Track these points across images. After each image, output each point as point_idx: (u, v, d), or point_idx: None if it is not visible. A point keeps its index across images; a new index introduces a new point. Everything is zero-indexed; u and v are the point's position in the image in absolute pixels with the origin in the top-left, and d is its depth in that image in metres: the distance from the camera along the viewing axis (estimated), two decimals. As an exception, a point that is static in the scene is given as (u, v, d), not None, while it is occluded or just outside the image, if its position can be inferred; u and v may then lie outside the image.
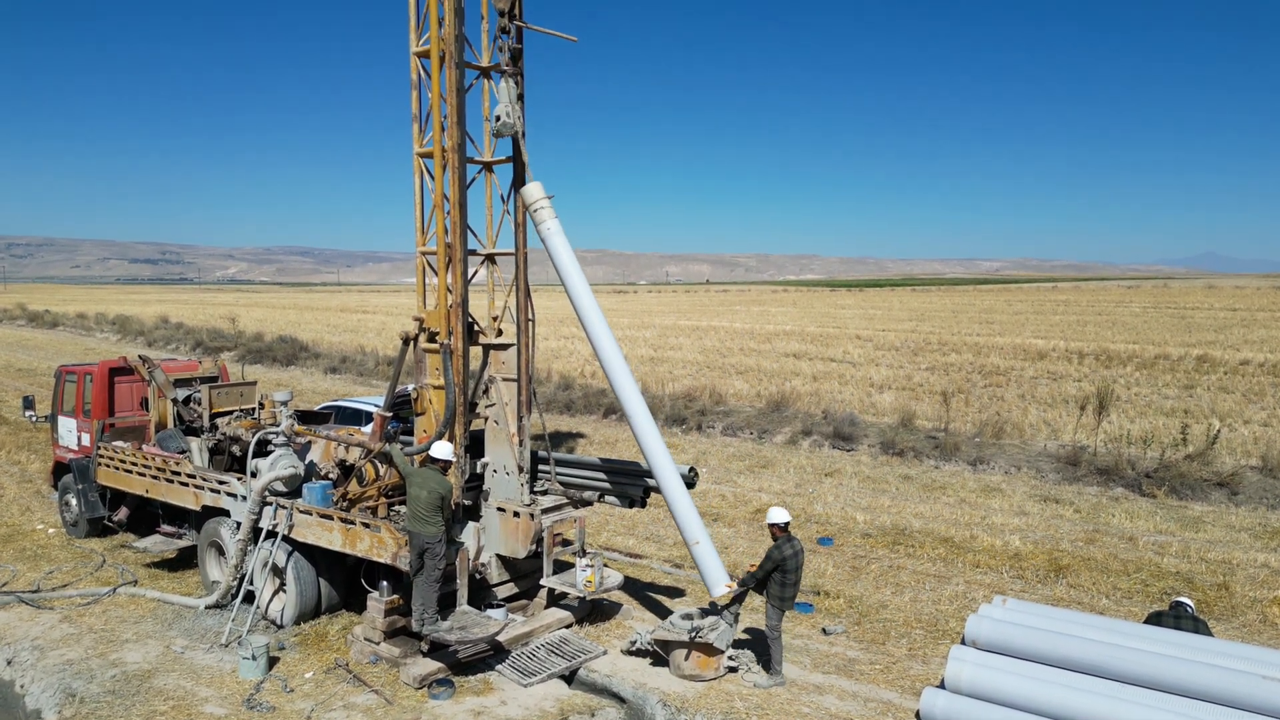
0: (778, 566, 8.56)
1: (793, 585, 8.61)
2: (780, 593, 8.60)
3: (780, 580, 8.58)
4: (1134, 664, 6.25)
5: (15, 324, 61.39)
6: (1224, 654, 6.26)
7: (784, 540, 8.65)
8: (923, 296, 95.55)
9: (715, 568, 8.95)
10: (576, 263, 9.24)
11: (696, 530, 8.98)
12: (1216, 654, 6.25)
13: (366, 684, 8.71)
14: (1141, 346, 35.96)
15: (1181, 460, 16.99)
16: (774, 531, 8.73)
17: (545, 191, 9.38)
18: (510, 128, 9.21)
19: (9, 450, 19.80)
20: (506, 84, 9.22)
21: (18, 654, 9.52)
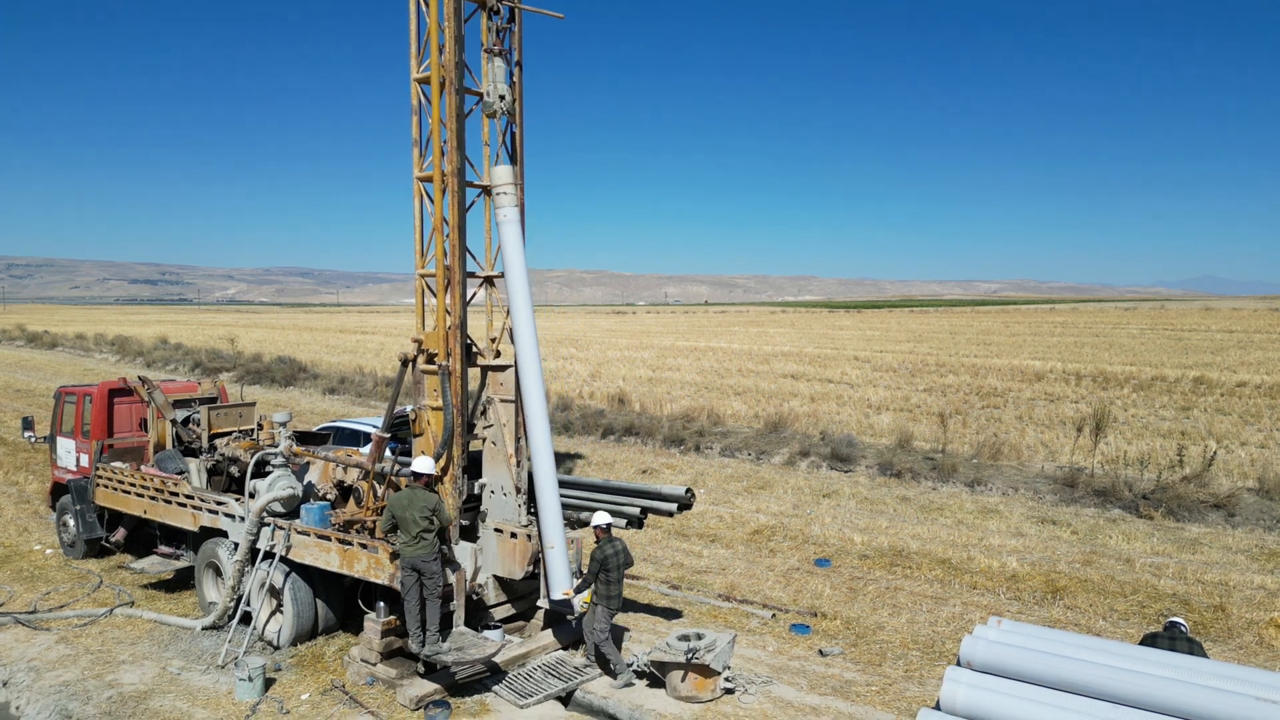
0: (602, 566, 9.06)
1: (616, 584, 9.14)
2: (606, 591, 9.12)
3: (604, 579, 9.10)
4: (1128, 685, 6.25)
5: (14, 344, 61.43)
6: (1218, 675, 6.27)
7: (605, 541, 9.21)
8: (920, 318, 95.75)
9: (562, 573, 9.27)
10: (522, 256, 9.27)
11: (554, 535, 9.21)
12: (1211, 675, 6.26)
13: (363, 705, 8.71)
14: (1138, 368, 36.05)
15: (1178, 482, 17.02)
16: (597, 534, 9.29)
17: (513, 178, 9.41)
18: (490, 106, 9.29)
19: (7, 471, 19.81)
20: (492, 64, 9.33)
21: (14, 675, 9.51)
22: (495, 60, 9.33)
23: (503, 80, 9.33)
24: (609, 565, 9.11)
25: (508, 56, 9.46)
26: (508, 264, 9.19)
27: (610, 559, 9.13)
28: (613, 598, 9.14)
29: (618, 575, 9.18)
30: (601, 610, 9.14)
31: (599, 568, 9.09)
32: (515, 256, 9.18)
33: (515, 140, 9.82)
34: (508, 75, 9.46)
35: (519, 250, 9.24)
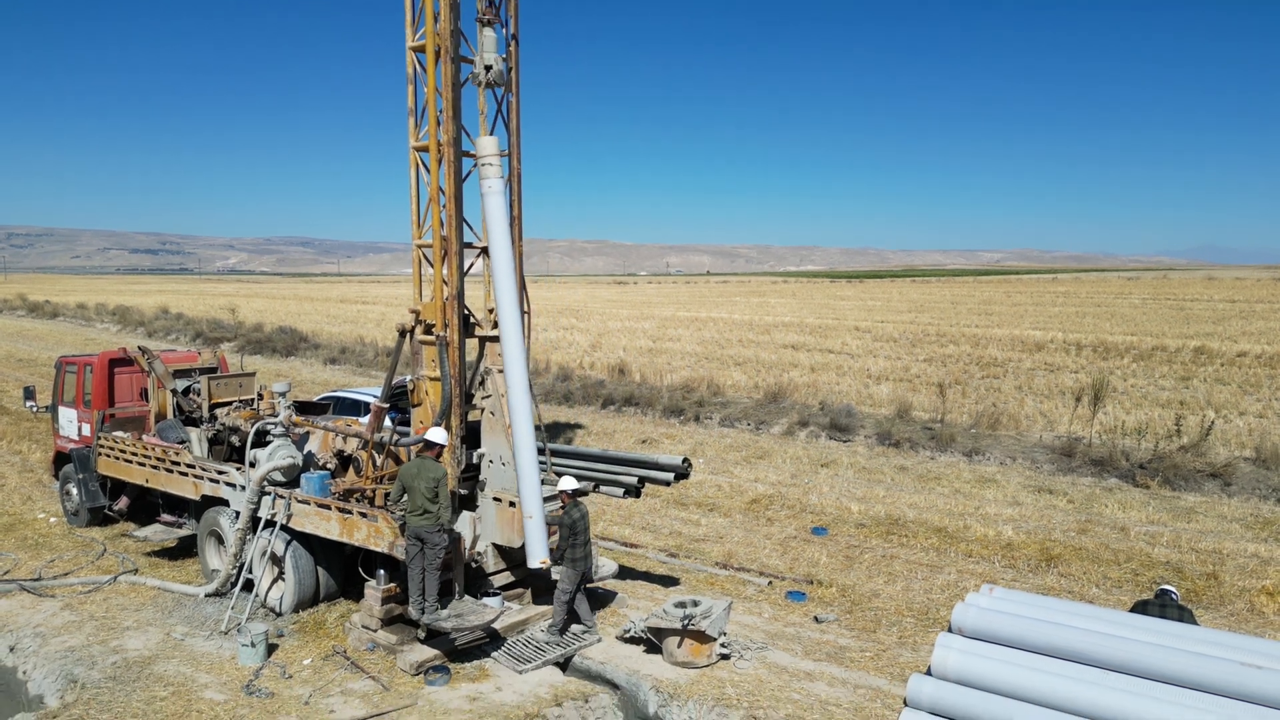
0: (571, 530, 9.30)
1: (582, 546, 9.38)
2: (572, 554, 9.34)
3: (571, 542, 9.32)
4: (1117, 651, 6.34)
5: (15, 314, 61.46)
6: (1205, 641, 6.35)
7: (571, 505, 9.44)
8: (922, 288, 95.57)
9: (539, 543, 9.13)
10: (506, 227, 9.24)
11: (533, 506, 9.16)
12: (1197, 641, 6.34)
13: (364, 670, 8.84)
14: (1139, 338, 36.02)
15: (1175, 451, 17.09)
16: (563, 499, 9.50)
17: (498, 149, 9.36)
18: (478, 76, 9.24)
19: (10, 440, 19.93)
20: (482, 33, 9.27)
21: (20, 641, 9.64)
22: (486, 30, 9.26)
23: (493, 50, 9.26)
24: (576, 529, 9.34)
25: (499, 25, 9.39)
26: (491, 235, 9.19)
27: (578, 523, 9.36)
28: (578, 560, 9.38)
29: (584, 539, 9.41)
30: (568, 572, 9.40)
31: (569, 533, 9.30)
32: (499, 228, 9.17)
33: (511, 109, 9.76)
34: (500, 44, 9.38)
35: (504, 222, 9.23)
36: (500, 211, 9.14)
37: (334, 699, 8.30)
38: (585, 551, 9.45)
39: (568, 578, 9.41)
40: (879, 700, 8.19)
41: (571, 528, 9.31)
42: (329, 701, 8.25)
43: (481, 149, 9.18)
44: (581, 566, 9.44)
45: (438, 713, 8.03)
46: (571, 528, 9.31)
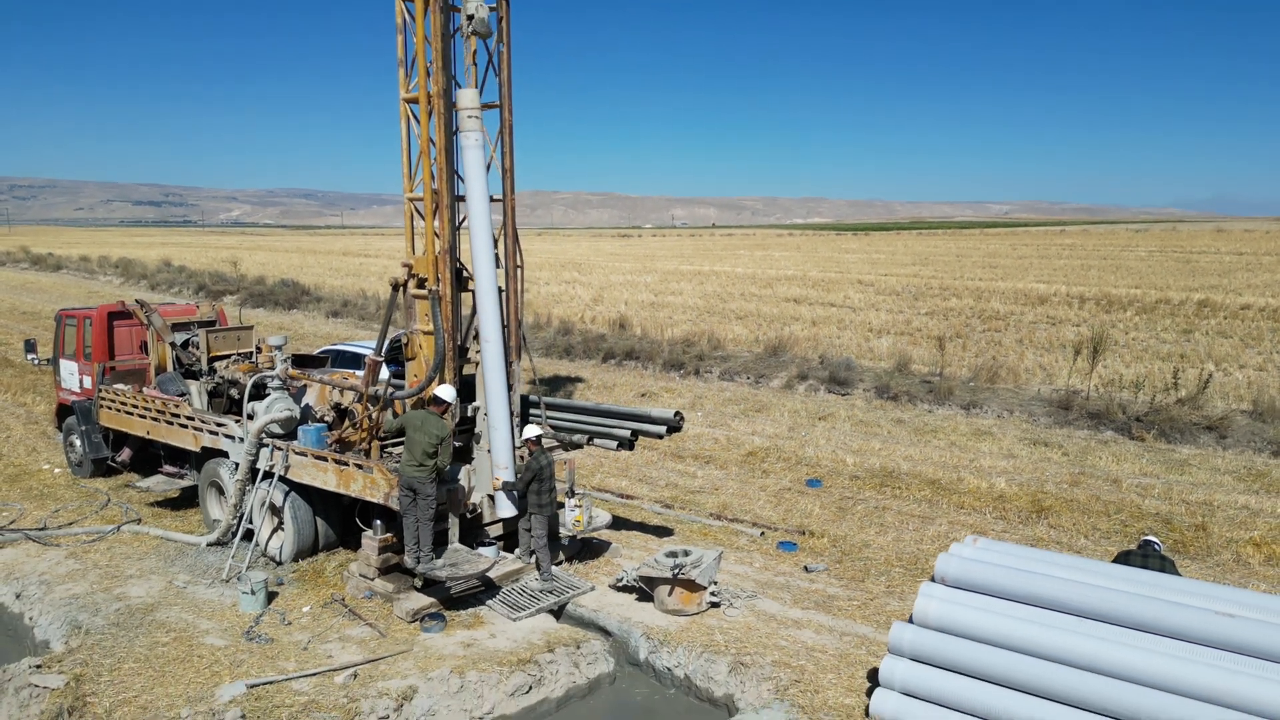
0: (535, 476, 9.46)
1: (549, 493, 9.58)
2: (539, 500, 9.54)
3: (537, 489, 9.51)
4: (1095, 600, 6.46)
5: (19, 267, 61.50)
6: (1181, 591, 6.46)
7: (539, 453, 9.56)
8: (928, 240, 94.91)
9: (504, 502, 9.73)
10: (483, 181, 9.29)
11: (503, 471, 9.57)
12: (1174, 590, 6.45)
13: (361, 618, 9.03)
14: (1144, 291, 35.84)
15: (1172, 405, 17.14)
16: (529, 446, 9.60)
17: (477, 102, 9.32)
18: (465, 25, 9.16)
19: (15, 393, 20.11)
20: None
21: (26, 588, 9.85)
22: None
23: None
24: (542, 476, 9.49)
25: None
26: (469, 189, 9.20)
27: (544, 469, 9.54)
28: (545, 505, 9.60)
29: (550, 485, 9.60)
30: (537, 518, 9.63)
31: (532, 476, 9.47)
32: (477, 182, 9.21)
33: (502, 60, 9.66)
34: None
35: (481, 176, 9.25)
36: (478, 166, 9.14)
37: (332, 645, 8.50)
38: (551, 498, 9.66)
39: (538, 523, 9.65)
40: (864, 647, 8.36)
41: (538, 474, 9.48)
42: (327, 647, 8.44)
43: (461, 101, 9.11)
44: (548, 511, 9.68)
45: (432, 658, 8.22)
46: (538, 474, 9.48)
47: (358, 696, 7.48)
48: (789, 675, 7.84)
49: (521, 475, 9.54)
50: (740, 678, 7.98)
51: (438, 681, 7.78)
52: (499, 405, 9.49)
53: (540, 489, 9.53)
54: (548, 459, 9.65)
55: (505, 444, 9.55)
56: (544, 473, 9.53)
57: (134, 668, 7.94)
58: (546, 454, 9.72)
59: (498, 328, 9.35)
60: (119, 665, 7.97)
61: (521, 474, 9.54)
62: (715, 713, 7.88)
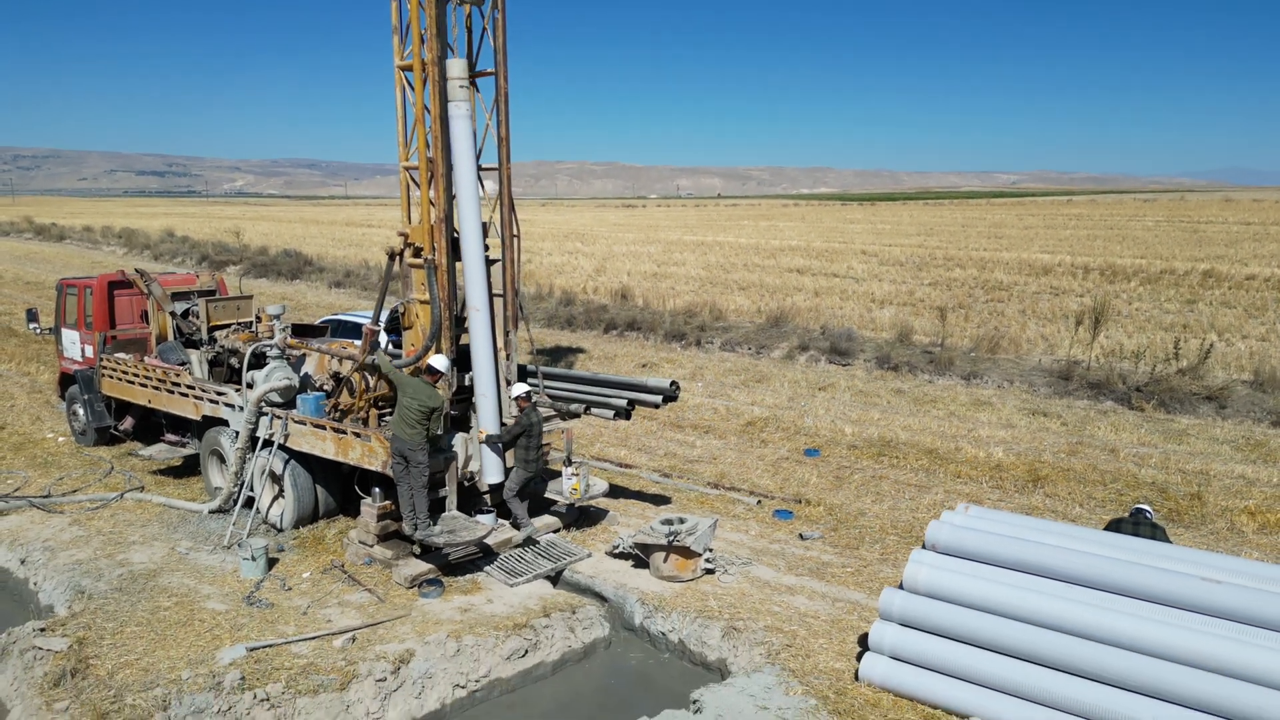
0: (524, 431, 9.66)
1: (534, 450, 9.77)
2: (525, 455, 9.75)
3: (525, 444, 9.71)
4: (1082, 566, 6.53)
5: (23, 237, 61.51)
6: (1168, 557, 6.52)
7: (529, 409, 9.77)
8: (934, 211, 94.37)
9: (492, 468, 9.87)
10: (471, 152, 9.34)
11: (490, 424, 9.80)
12: (1161, 557, 6.51)
13: (360, 583, 9.14)
14: (1149, 261, 35.67)
15: (1173, 375, 17.14)
16: (520, 404, 9.79)
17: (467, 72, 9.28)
18: None
19: (19, 362, 20.22)
20: None
21: (30, 554, 9.98)
22: None
23: None
24: (530, 433, 9.66)
25: None
26: (456, 159, 9.22)
27: (533, 426, 9.69)
28: (529, 462, 9.76)
29: (536, 443, 9.76)
30: (517, 471, 9.82)
31: (520, 430, 9.64)
32: (465, 153, 9.24)
33: (497, 26, 9.58)
34: None
35: (469, 146, 9.28)
36: (466, 136, 9.14)
37: (331, 610, 8.62)
38: (536, 455, 9.82)
39: (516, 476, 9.83)
40: (855, 613, 8.45)
41: (526, 430, 9.64)
42: (326, 612, 8.56)
43: (450, 70, 9.09)
44: (531, 469, 9.82)
45: (430, 623, 8.34)
46: (526, 430, 9.64)
47: (355, 659, 7.60)
48: (781, 640, 7.94)
49: (510, 429, 9.72)
50: (733, 642, 8.09)
51: (434, 645, 7.89)
52: (486, 373, 9.58)
53: (528, 444, 9.69)
54: (538, 416, 9.79)
55: (492, 411, 9.67)
56: (532, 429, 9.69)
57: (136, 631, 8.06)
58: (536, 411, 9.85)
59: (485, 296, 9.41)
60: (121, 629, 8.10)
61: (510, 429, 9.72)
62: (709, 676, 7.98)
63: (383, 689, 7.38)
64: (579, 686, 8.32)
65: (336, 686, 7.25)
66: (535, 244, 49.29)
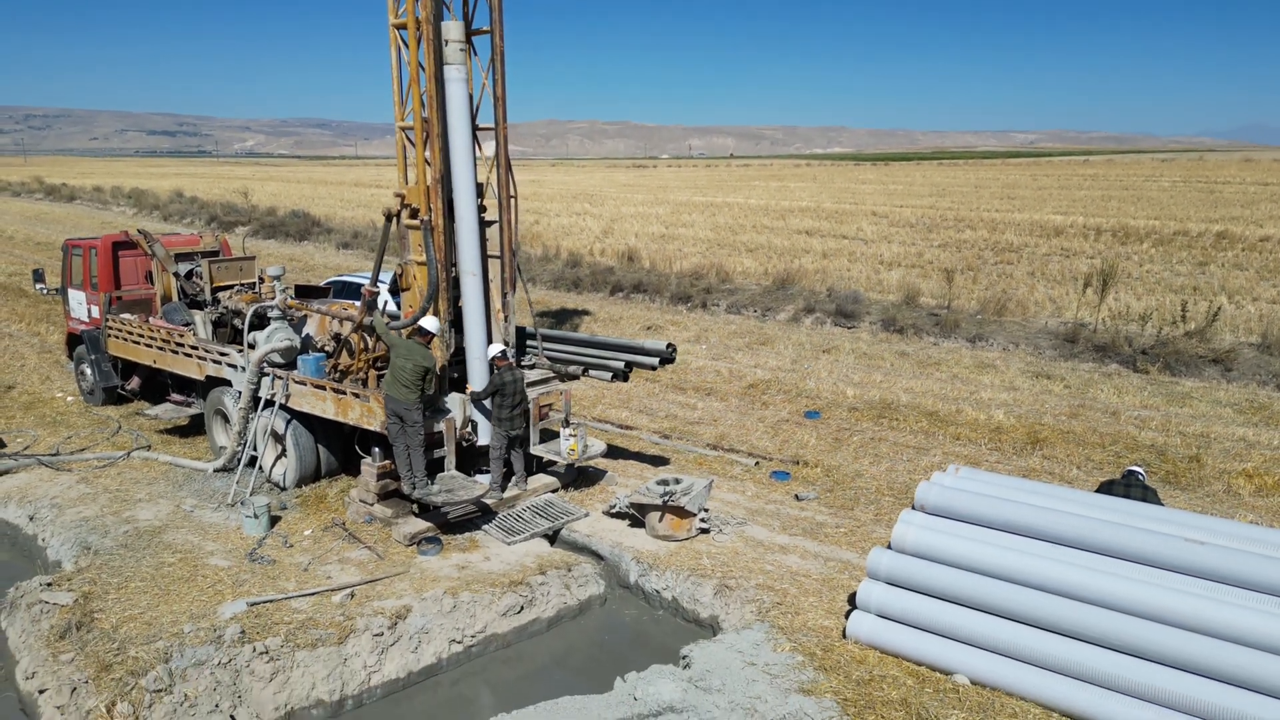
0: (498, 390, 9.62)
1: (509, 409, 9.70)
2: (499, 414, 9.71)
3: (499, 403, 9.66)
4: (1067, 526, 6.58)
5: (33, 197, 61.69)
6: (1155, 518, 6.56)
7: (505, 369, 9.73)
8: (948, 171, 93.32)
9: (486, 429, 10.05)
10: (466, 117, 9.33)
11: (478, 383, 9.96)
12: (1147, 518, 6.55)
13: (360, 541, 9.30)
14: (1162, 222, 35.27)
15: (1180, 337, 17.06)
16: (496, 363, 9.79)
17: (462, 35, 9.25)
18: None
19: (29, 322, 20.42)
20: None
21: (38, 511, 10.18)
22: None
23: None
24: (505, 391, 9.62)
25: None
26: (451, 123, 9.21)
27: (507, 385, 9.63)
28: (503, 421, 9.71)
29: (512, 402, 9.70)
30: (497, 431, 9.82)
31: (494, 389, 9.62)
32: (459, 116, 9.25)
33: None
34: None
35: (464, 110, 9.28)
36: (461, 99, 9.11)
37: (331, 566, 8.78)
38: (515, 414, 9.78)
39: (497, 436, 9.84)
40: (847, 572, 8.55)
41: (500, 389, 9.61)
42: (326, 569, 8.72)
43: (446, 33, 9.02)
44: (507, 428, 9.78)
45: (427, 579, 8.49)
46: (500, 389, 9.61)
47: (353, 615, 7.76)
48: (771, 598, 8.06)
49: (486, 387, 9.72)
50: (725, 600, 8.21)
51: (431, 601, 8.04)
52: (477, 335, 9.71)
53: (502, 403, 9.65)
54: (513, 375, 9.75)
55: (482, 373, 9.83)
56: (506, 388, 9.65)
57: (140, 586, 8.24)
58: (514, 371, 9.84)
59: (477, 260, 9.45)
60: (126, 584, 8.28)
61: (486, 386, 9.73)
62: (701, 633, 8.11)
63: (379, 643, 7.54)
64: (573, 642, 8.47)
65: (334, 640, 7.42)
66: (543, 205, 49.10)
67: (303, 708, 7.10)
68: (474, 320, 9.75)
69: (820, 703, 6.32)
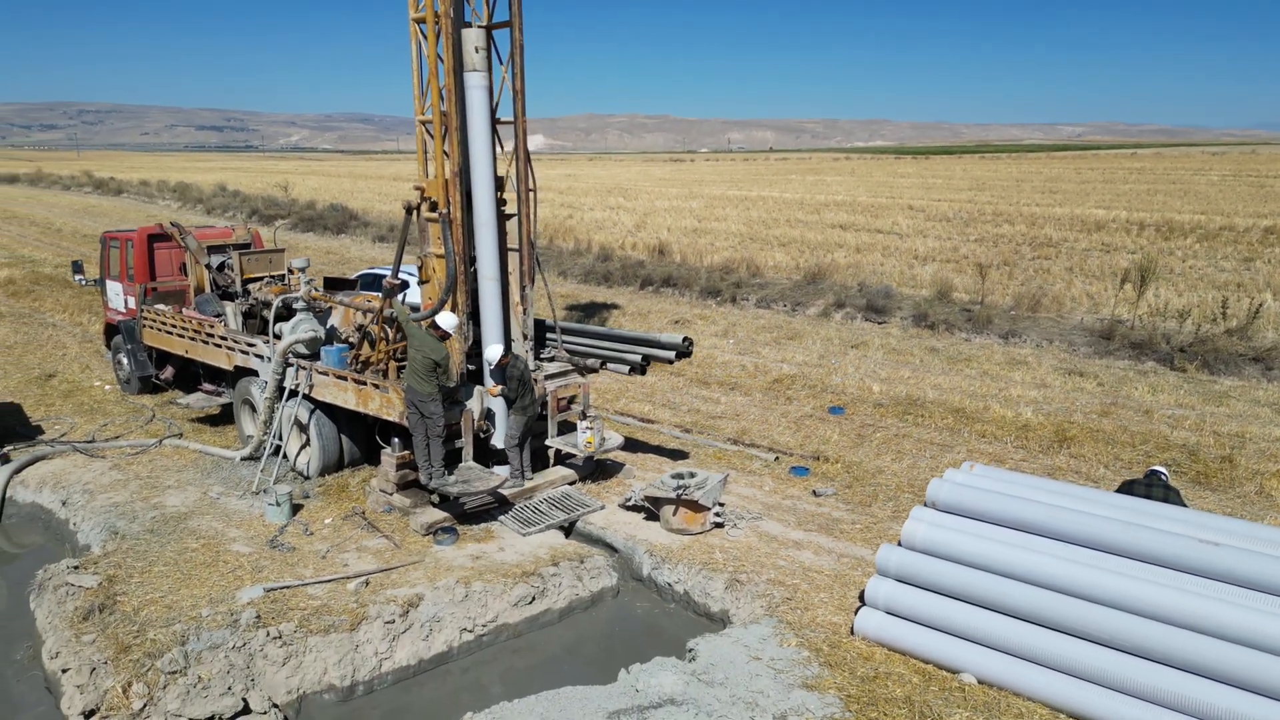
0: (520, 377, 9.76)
1: (522, 397, 9.81)
2: (520, 402, 9.84)
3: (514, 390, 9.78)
4: (1078, 525, 6.46)
5: (82, 191, 63.19)
6: (1170, 519, 6.42)
7: (514, 360, 9.89)
8: (990, 164, 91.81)
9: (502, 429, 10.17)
10: (486, 123, 9.44)
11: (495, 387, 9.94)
12: (1162, 519, 6.42)
13: (379, 530, 9.43)
14: (1209, 217, 34.38)
15: (1220, 335, 16.65)
16: (501, 362, 9.80)
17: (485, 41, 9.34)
18: None
19: (72, 312, 20.98)
20: None
21: (71, 496, 10.47)
22: None
23: None
24: (524, 379, 9.81)
25: None
26: (472, 130, 9.32)
27: (523, 373, 9.82)
28: (525, 408, 9.88)
29: (523, 389, 9.81)
30: (514, 418, 9.93)
31: (518, 377, 9.77)
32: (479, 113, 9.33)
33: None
34: None
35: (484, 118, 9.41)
36: (481, 106, 9.19)
37: (349, 554, 8.92)
38: (530, 400, 9.90)
39: (515, 423, 9.96)
40: (859, 569, 8.49)
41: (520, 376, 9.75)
42: (344, 556, 8.86)
43: (466, 41, 9.13)
44: (528, 414, 9.93)
45: (441, 568, 8.59)
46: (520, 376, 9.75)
47: (367, 602, 7.88)
48: (782, 593, 8.03)
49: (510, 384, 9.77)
50: (735, 594, 8.20)
51: (444, 590, 8.14)
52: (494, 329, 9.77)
53: (521, 391, 9.79)
54: (517, 368, 9.82)
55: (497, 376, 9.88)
56: (525, 375, 9.82)
57: (163, 570, 8.45)
58: (520, 359, 9.97)
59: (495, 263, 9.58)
60: (149, 568, 8.49)
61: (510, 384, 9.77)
62: (712, 627, 8.11)
63: (391, 630, 7.65)
64: (584, 633, 8.52)
65: (347, 627, 7.54)
66: (577, 199, 49.23)
67: (314, 692, 7.23)
68: (491, 324, 9.84)
69: (823, 698, 6.30)
